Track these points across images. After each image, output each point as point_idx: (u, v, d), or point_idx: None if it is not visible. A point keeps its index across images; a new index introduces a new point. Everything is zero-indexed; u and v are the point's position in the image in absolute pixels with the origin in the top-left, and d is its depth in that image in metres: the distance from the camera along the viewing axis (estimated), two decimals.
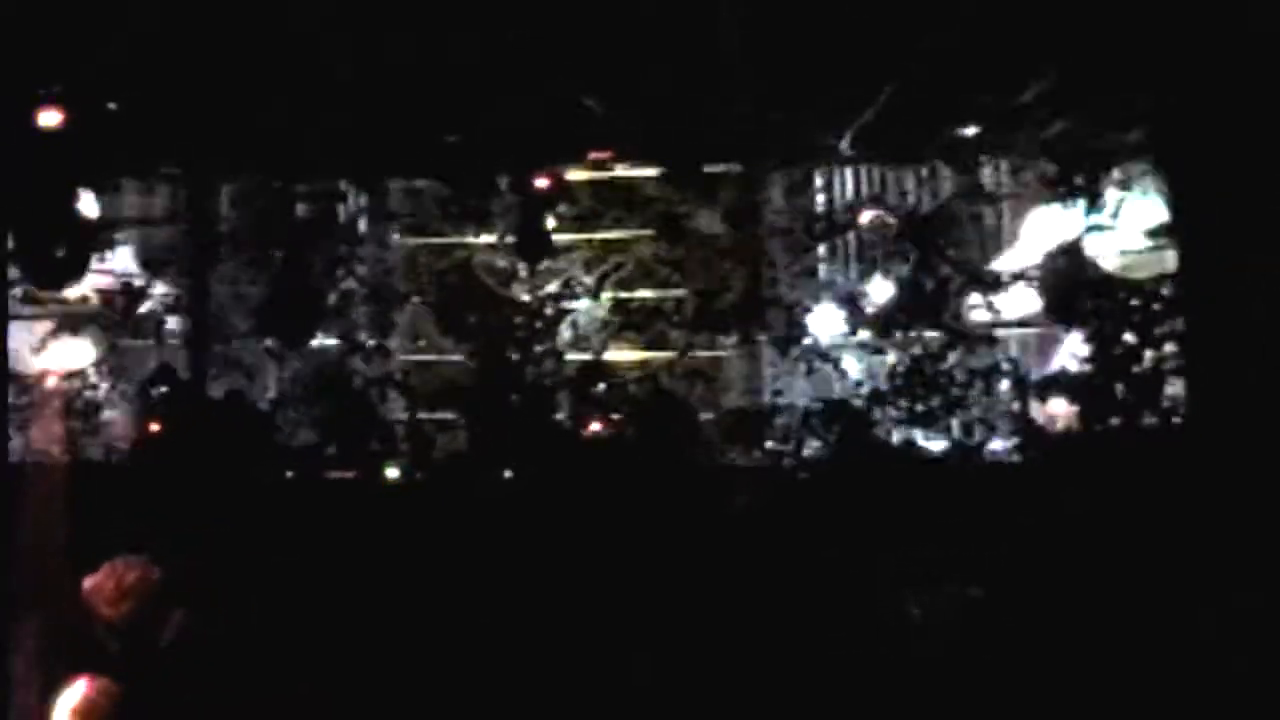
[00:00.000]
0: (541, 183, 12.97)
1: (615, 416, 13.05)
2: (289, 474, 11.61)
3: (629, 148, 13.06)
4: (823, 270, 14.41)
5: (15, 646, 7.78)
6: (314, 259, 13.72)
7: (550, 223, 13.25)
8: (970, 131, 12.72)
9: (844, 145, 12.77)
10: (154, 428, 11.62)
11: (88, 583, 5.53)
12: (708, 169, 13.44)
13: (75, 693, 5.08)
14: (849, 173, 14.32)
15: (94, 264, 11.38)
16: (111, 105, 10.27)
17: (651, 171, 13.75)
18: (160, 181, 13.39)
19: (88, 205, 9.93)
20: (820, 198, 14.46)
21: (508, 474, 11.63)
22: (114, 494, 10.24)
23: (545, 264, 14.20)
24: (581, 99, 11.09)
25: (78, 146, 9.85)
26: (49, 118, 9.75)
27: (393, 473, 12.64)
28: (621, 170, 13.83)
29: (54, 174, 9.85)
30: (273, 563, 9.56)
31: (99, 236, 10.86)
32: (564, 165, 13.35)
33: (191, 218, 13.03)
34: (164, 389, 12.19)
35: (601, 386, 13.50)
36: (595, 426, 12.71)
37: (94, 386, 13.93)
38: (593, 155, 13.40)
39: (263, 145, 12.16)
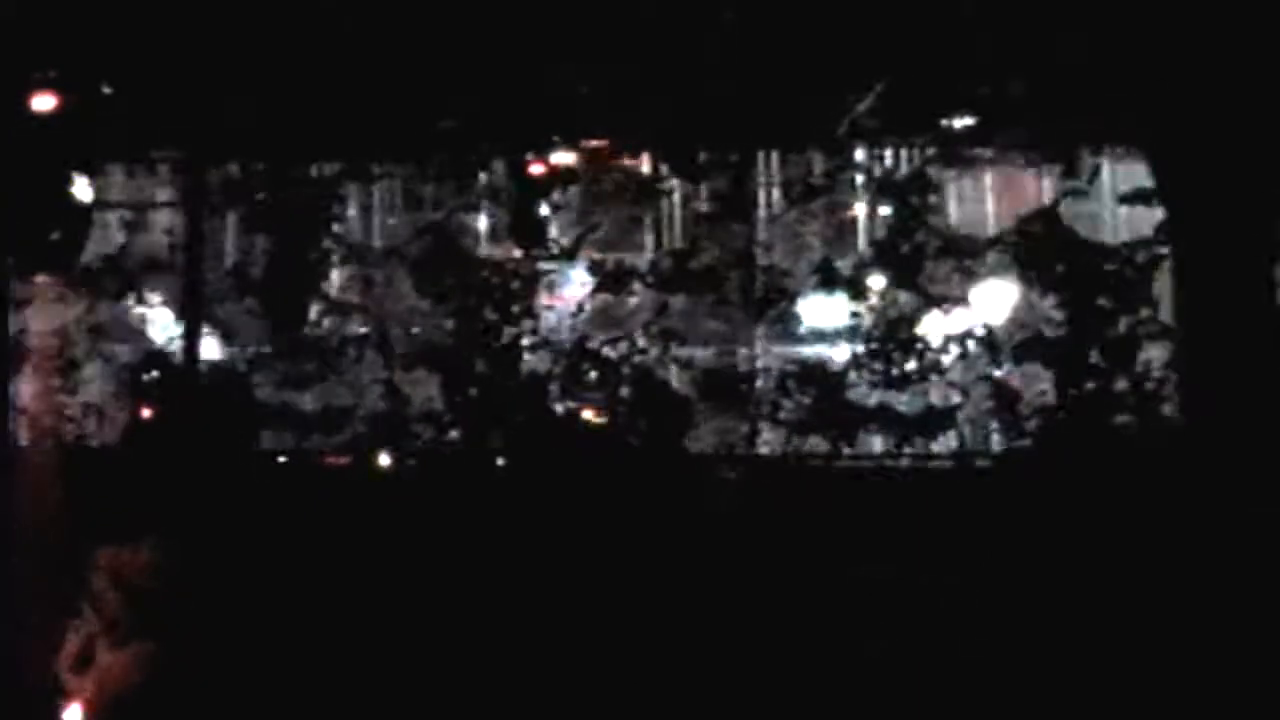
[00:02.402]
0: (537, 169, 12.92)
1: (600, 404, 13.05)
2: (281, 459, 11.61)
3: (625, 137, 13.02)
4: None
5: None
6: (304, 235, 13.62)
7: (544, 210, 13.20)
8: (962, 123, 12.71)
9: (839, 132, 12.77)
10: (145, 413, 11.55)
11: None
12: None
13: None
14: None
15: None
16: (106, 89, 10.17)
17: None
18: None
19: (81, 189, 9.86)
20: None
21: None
22: (106, 480, 10.21)
23: None
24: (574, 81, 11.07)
25: (72, 131, 9.76)
26: (43, 102, 9.65)
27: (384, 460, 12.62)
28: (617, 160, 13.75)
29: (48, 158, 9.77)
30: (264, 554, 9.58)
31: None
32: (558, 151, 13.26)
33: (186, 200, 12.92)
34: (155, 374, 12.08)
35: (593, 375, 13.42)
36: (587, 414, 12.69)
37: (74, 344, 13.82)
38: (588, 144, 13.34)
39: (256, 129, 12.06)
